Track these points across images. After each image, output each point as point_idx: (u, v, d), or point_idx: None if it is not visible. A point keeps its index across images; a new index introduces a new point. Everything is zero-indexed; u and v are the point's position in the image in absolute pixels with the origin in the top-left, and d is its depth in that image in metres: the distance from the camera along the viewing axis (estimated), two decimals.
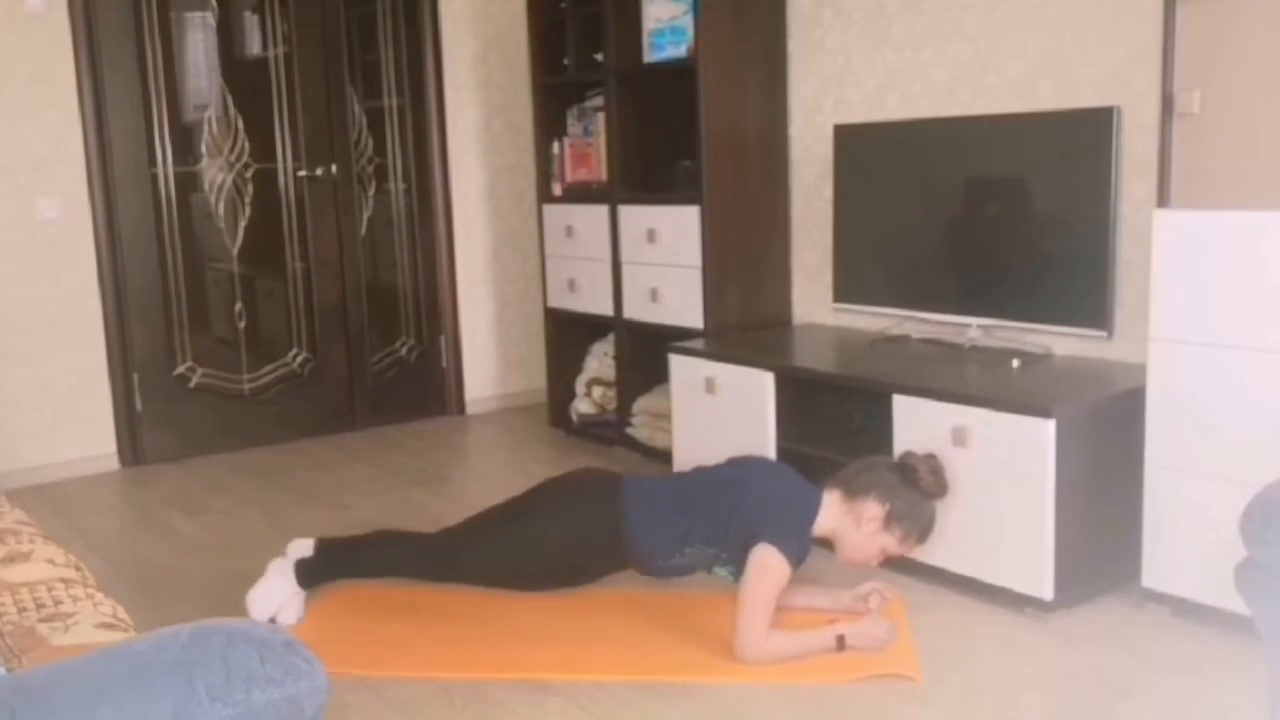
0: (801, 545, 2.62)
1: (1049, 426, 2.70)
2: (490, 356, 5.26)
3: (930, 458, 2.76)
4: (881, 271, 3.69)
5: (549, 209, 4.61)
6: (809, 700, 2.41)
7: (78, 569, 2.02)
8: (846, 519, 2.67)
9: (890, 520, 2.65)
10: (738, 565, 2.61)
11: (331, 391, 4.90)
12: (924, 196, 3.52)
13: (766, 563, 2.53)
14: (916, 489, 2.68)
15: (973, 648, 2.66)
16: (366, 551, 2.91)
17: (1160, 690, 2.42)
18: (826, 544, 2.75)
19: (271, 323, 4.78)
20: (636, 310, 4.21)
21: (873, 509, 2.65)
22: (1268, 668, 1.73)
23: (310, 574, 2.87)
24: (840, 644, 2.55)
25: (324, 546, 2.92)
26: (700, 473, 2.84)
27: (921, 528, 2.68)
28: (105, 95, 4.29)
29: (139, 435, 4.49)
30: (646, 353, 4.19)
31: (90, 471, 4.37)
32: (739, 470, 2.80)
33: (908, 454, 2.78)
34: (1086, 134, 3.06)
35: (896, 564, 3.08)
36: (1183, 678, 2.47)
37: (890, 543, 2.67)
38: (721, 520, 2.64)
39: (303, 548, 2.92)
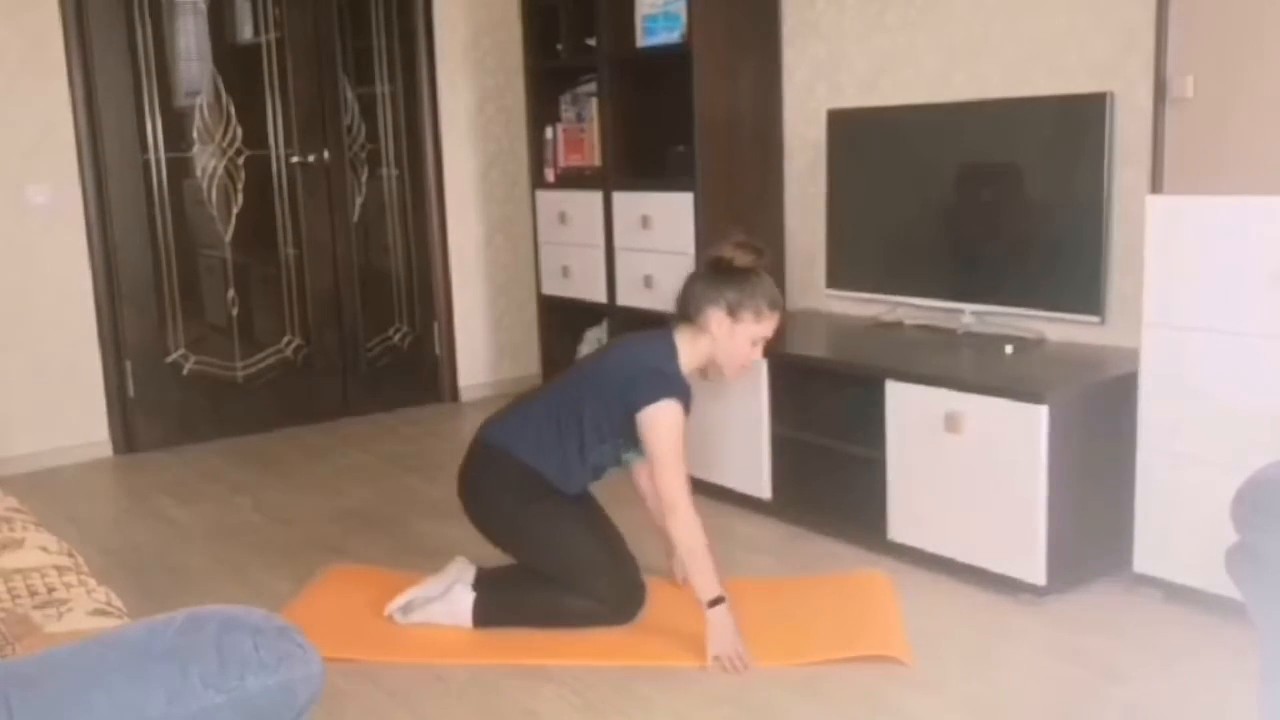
0: (680, 389, 2.62)
1: (1042, 412, 2.70)
2: (483, 343, 5.26)
3: (731, 237, 2.72)
4: (875, 257, 3.68)
5: (542, 195, 4.60)
6: (801, 684, 2.42)
7: (71, 556, 2.02)
8: (703, 340, 2.67)
9: (733, 311, 2.64)
10: (636, 447, 2.67)
11: (325, 378, 4.90)
12: (918, 182, 3.51)
13: (655, 420, 2.56)
14: (737, 272, 2.65)
15: (965, 632, 2.67)
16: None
17: (1152, 674, 2.43)
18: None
19: (264, 309, 4.77)
20: (630, 297, 4.21)
21: (714, 315, 2.64)
22: (1259, 651, 1.74)
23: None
24: (713, 604, 2.52)
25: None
26: (557, 386, 2.83)
27: (766, 299, 2.66)
28: (96, 81, 4.27)
29: (132, 422, 4.48)
30: None
31: (83, 459, 4.37)
32: (589, 365, 2.84)
33: (712, 248, 2.75)
34: (1080, 119, 3.06)
35: (891, 550, 3.09)
36: (1174, 662, 2.48)
37: (749, 328, 2.65)
38: (599, 415, 2.66)
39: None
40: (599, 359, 2.85)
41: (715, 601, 2.53)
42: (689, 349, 2.69)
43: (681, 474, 2.57)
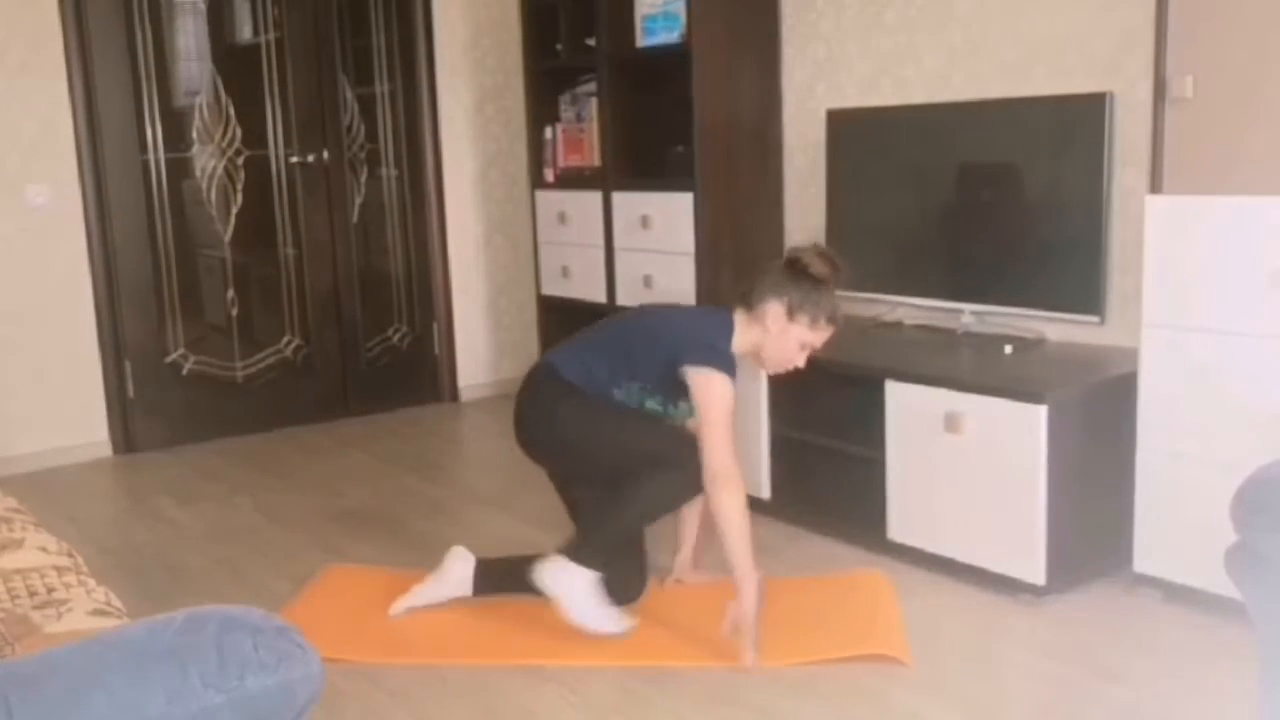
0: (730, 366, 2.65)
1: (1041, 412, 2.70)
2: (483, 343, 5.26)
3: (815, 245, 2.78)
4: (874, 257, 3.68)
5: (541, 195, 4.60)
6: (800, 684, 2.42)
7: (70, 556, 2.02)
8: (756, 329, 2.70)
9: (793, 311, 2.67)
10: (663, 396, 2.72)
11: (324, 379, 4.90)
12: (917, 182, 3.51)
13: (708, 386, 2.60)
14: (808, 277, 2.69)
15: (964, 632, 2.67)
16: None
17: (1152, 674, 2.43)
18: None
19: (264, 309, 4.77)
20: (630, 296, 4.21)
21: (773, 308, 2.68)
22: (1258, 651, 1.74)
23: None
24: (745, 584, 2.54)
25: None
26: (616, 323, 2.92)
27: (826, 311, 2.70)
28: (95, 81, 4.27)
29: (131, 423, 4.48)
30: None
31: (82, 459, 4.37)
32: (650, 311, 2.92)
33: (793, 248, 2.80)
34: (1080, 119, 3.06)
35: (891, 550, 3.09)
36: (1174, 662, 2.48)
37: (802, 332, 2.69)
38: (641, 357, 2.72)
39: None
40: (664, 311, 2.90)
41: (748, 581, 2.55)
42: (742, 333, 2.72)
43: (730, 445, 2.58)
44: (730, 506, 2.55)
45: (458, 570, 2.82)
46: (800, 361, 2.75)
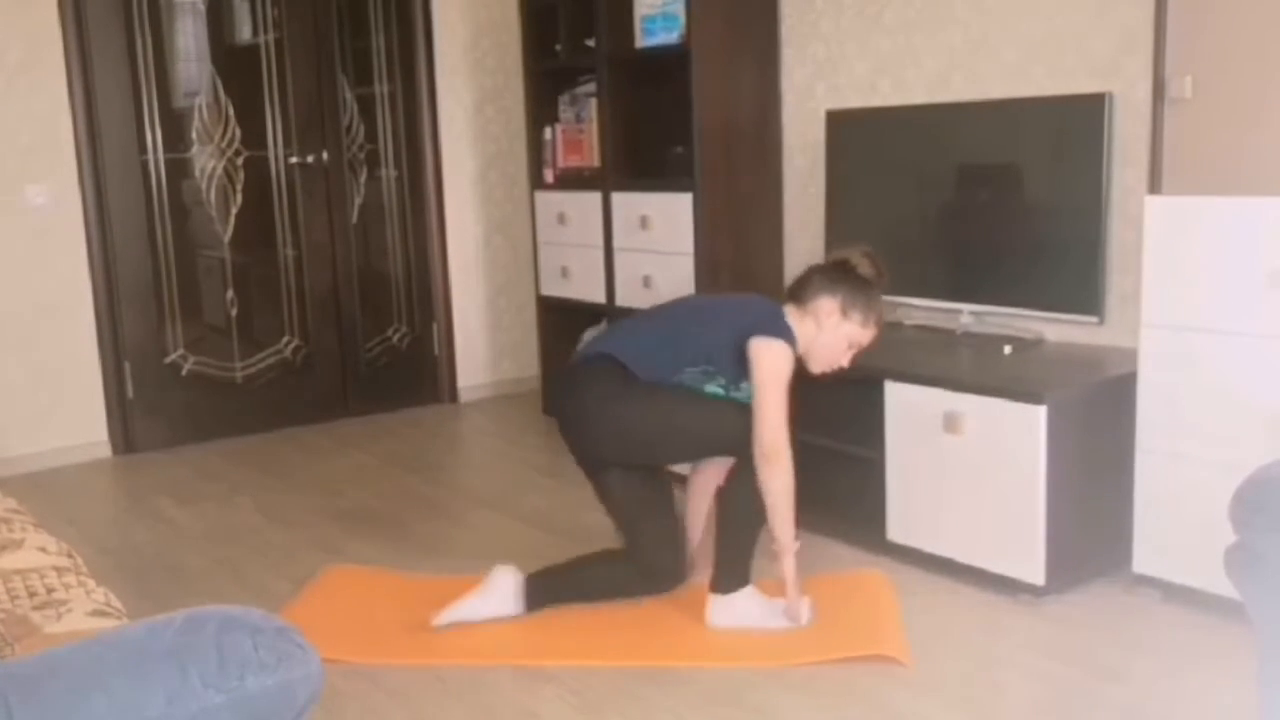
0: (791, 336, 2.66)
1: (1041, 412, 2.70)
2: (482, 344, 5.26)
3: (861, 247, 2.79)
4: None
5: (541, 196, 4.60)
6: (800, 684, 2.42)
7: (70, 557, 2.02)
8: (807, 323, 2.71)
9: (846, 309, 2.69)
10: (727, 377, 2.68)
11: (324, 379, 4.90)
12: (916, 183, 3.52)
13: (769, 351, 2.60)
14: (857, 277, 2.72)
15: (964, 632, 2.67)
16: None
17: (1151, 674, 2.43)
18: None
19: (263, 310, 4.77)
20: (629, 297, 4.21)
21: (826, 304, 2.69)
22: (1257, 651, 1.74)
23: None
24: (786, 555, 2.63)
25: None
26: (669, 308, 2.87)
27: (876, 312, 2.73)
28: (95, 81, 4.27)
29: (131, 423, 4.48)
30: None
31: (82, 459, 4.37)
32: (701, 299, 2.91)
33: (839, 250, 2.82)
34: (1079, 120, 3.06)
35: (890, 550, 3.09)
36: (1173, 662, 2.48)
37: (853, 330, 2.71)
38: (706, 339, 2.69)
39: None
40: (708, 299, 2.88)
41: (799, 592, 2.64)
42: (795, 322, 2.71)
43: (783, 417, 2.58)
44: (778, 485, 2.57)
45: (504, 587, 2.75)
46: (846, 361, 2.76)
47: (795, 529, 2.64)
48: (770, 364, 2.59)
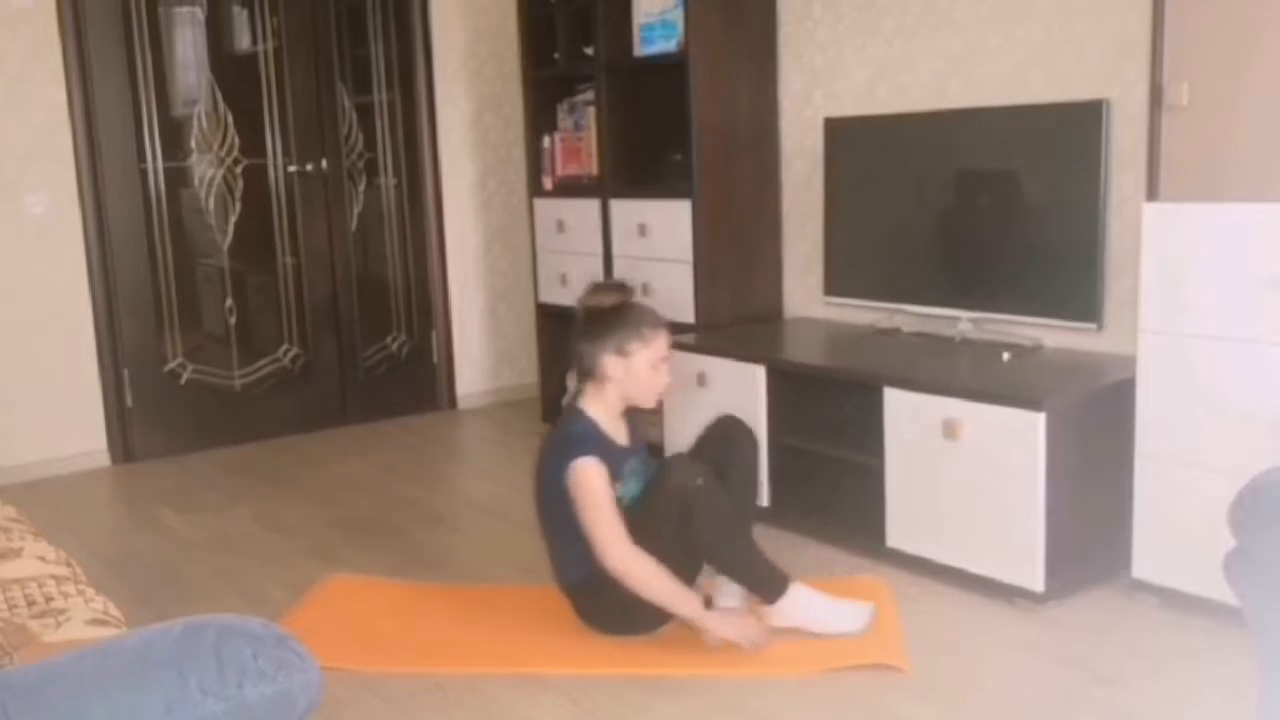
0: (591, 445, 2.63)
1: (1039, 419, 2.70)
2: (482, 351, 5.26)
3: (590, 285, 2.79)
4: (872, 265, 3.69)
5: (540, 203, 4.60)
6: (799, 692, 2.42)
7: (69, 565, 2.02)
8: (609, 389, 2.71)
9: (621, 349, 2.68)
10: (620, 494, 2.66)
11: (323, 387, 4.90)
12: (914, 190, 3.52)
13: (573, 481, 2.58)
14: (608, 314, 2.70)
15: (963, 639, 2.67)
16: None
17: (1150, 680, 2.43)
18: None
19: (262, 318, 4.77)
20: None
21: (607, 362, 2.68)
22: (1256, 657, 1.74)
23: None
24: (706, 603, 2.62)
25: None
26: (539, 508, 2.83)
27: (644, 324, 2.70)
28: (93, 90, 4.27)
29: (130, 431, 4.48)
30: None
31: (81, 468, 4.36)
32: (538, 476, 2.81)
33: (578, 301, 2.79)
34: (1076, 126, 3.06)
35: (889, 557, 3.09)
36: (1173, 668, 2.48)
37: (643, 355, 2.68)
38: (568, 511, 2.64)
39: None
40: (540, 465, 2.80)
41: (706, 601, 2.59)
42: (598, 404, 2.71)
43: (616, 531, 2.55)
44: (645, 584, 2.55)
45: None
46: (665, 377, 2.74)
47: (692, 593, 2.60)
48: (580, 490, 2.57)
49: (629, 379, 2.69)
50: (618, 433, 2.74)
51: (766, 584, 2.65)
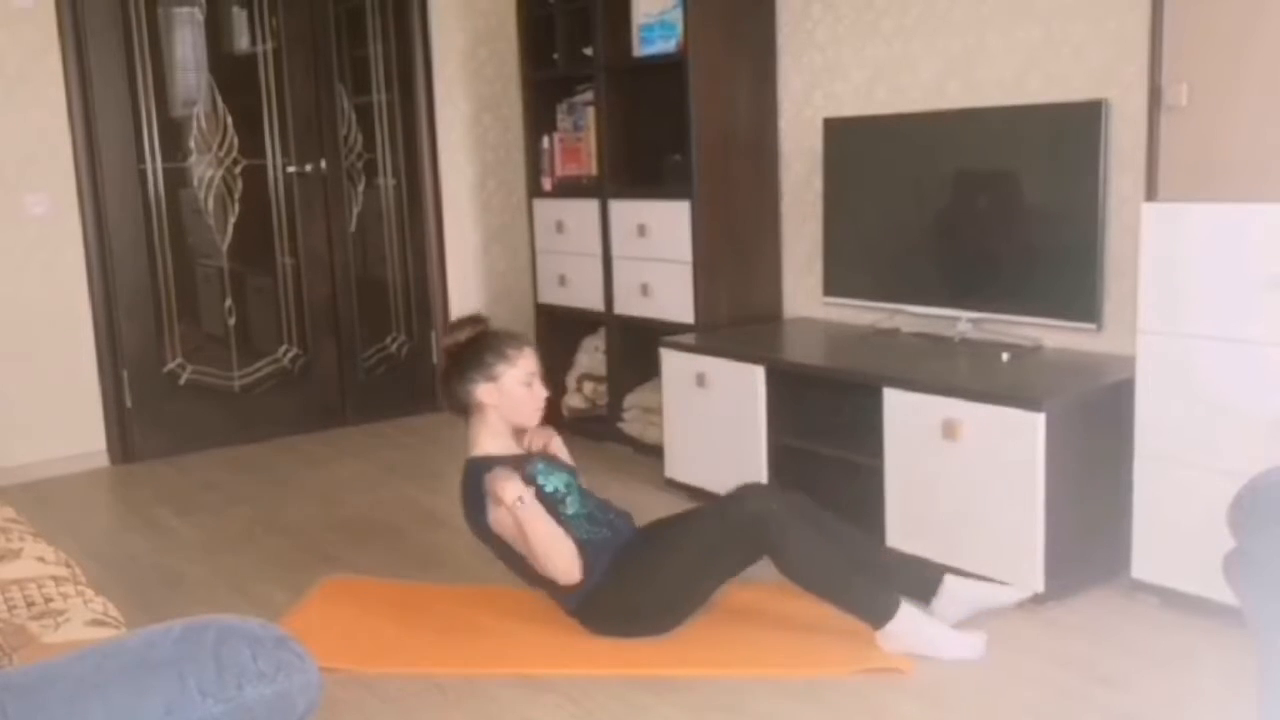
0: (487, 468, 2.69)
1: (1039, 419, 2.70)
2: None
3: (447, 325, 2.90)
4: (871, 265, 3.69)
5: (539, 204, 4.60)
6: (801, 693, 2.42)
7: (68, 566, 2.02)
8: (490, 416, 2.78)
9: (490, 375, 2.74)
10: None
11: (322, 387, 4.90)
12: (913, 190, 3.52)
13: (491, 492, 2.65)
14: (468, 347, 2.76)
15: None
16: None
17: (1150, 680, 2.43)
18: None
19: (262, 319, 4.77)
20: (627, 305, 4.21)
21: (479, 392, 2.75)
22: (1255, 657, 1.74)
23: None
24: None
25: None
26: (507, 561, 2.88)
27: (503, 347, 2.76)
28: (93, 91, 4.27)
29: (129, 432, 4.47)
30: (637, 348, 4.19)
31: (80, 469, 4.36)
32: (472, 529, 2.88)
33: (442, 342, 2.87)
34: (1075, 127, 3.06)
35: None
36: (1172, 668, 2.48)
37: (511, 376, 2.75)
38: (509, 558, 2.76)
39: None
40: (473, 528, 2.85)
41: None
42: (484, 436, 2.79)
43: (556, 545, 2.61)
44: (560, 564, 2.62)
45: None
46: (540, 395, 2.80)
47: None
48: (507, 501, 2.60)
49: (505, 401, 2.75)
50: (514, 451, 2.80)
51: (866, 609, 2.53)
